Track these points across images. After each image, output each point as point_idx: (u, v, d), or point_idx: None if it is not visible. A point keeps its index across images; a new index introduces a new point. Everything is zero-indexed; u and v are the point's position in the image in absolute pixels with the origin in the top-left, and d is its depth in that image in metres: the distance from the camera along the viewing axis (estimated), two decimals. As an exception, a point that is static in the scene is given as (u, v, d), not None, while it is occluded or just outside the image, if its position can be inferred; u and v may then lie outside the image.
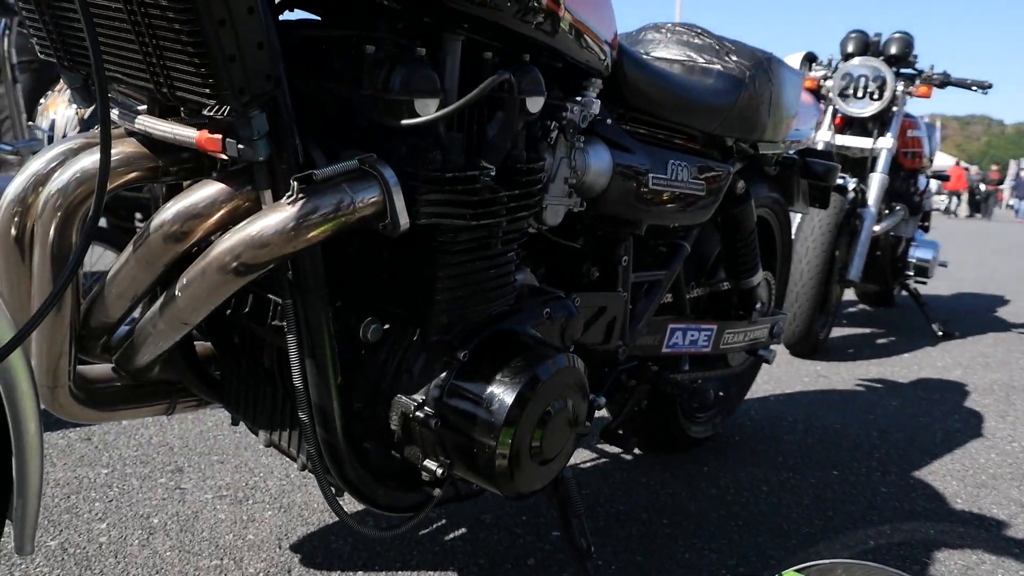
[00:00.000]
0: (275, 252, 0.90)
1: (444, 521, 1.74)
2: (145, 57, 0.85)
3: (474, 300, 1.06)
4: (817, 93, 4.02)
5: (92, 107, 1.09)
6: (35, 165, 1.08)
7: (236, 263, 0.91)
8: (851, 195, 3.62)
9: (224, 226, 0.96)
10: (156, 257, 0.99)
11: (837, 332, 4.11)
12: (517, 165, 1.05)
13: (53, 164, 1.08)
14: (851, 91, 3.79)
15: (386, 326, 1.07)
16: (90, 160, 1.03)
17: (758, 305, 2.02)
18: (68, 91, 1.28)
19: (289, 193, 0.88)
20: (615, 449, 2.26)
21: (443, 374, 1.03)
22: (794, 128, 2.06)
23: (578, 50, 1.21)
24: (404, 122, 0.90)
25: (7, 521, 0.93)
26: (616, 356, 1.51)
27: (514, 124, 1.02)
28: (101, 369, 1.28)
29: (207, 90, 0.82)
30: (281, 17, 1.02)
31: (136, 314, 1.15)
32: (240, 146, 0.87)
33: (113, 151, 1.03)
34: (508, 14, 1.02)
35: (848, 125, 3.91)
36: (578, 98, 1.26)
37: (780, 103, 1.82)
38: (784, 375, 3.23)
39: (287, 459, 1.63)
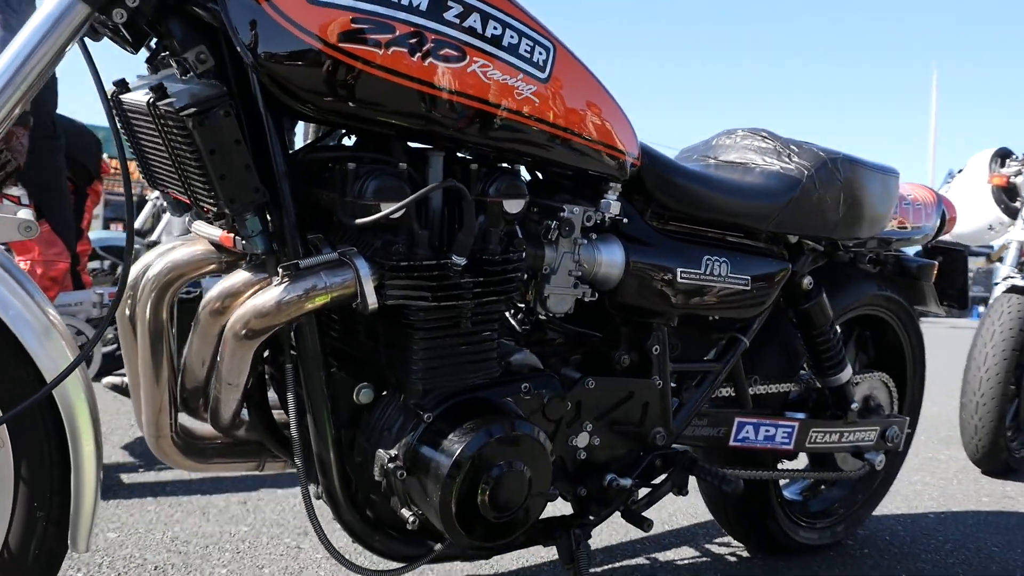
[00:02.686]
0: (271, 321, 1.14)
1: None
2: (179, 176, 1.15)
3: (448, 371, 1.23)
4: (1011, 191, 3.76)
5: (189, 211, 1.41)
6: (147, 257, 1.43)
7: (245, 329, 1.16)
8: (1046, 296, 3.29)
9: (251, 303, 1.23)
10: (208, 328, 1.27)
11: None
12: (485, 257, 1.23)
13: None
14: (1046, 188, 3.51)
15: (383, 392, 1.27)
16: (182, 252, 1.35)
17: (854, 405, 1.96)
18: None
19: (279, 277, 1.13)
20: (722, 549, 2.22)
21: (411, 433, 1.20)
22: (895, 225, 2.03)
23: (580, 160, 1.37)
24: (358, 220, 1.12)
25: None
26: (653, 441, 1.58)
27: (472, 222, 1.19)
28: (205, 428, 1.58)
29: (210, 200, 1.10)
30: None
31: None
32: (243, 242, 1.14)
33: (195, 249, 1.35)
34: (484, 137, 1.22)
35: (1048, 222, 3.60)
36: (602, 199, 1.42)
37: (858, 201, 1.82)
38: (961, 492, 2.93)
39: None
